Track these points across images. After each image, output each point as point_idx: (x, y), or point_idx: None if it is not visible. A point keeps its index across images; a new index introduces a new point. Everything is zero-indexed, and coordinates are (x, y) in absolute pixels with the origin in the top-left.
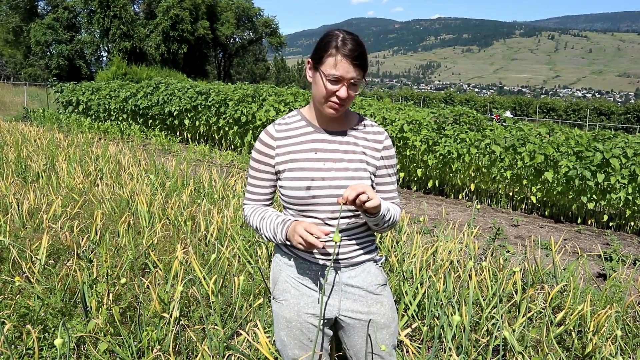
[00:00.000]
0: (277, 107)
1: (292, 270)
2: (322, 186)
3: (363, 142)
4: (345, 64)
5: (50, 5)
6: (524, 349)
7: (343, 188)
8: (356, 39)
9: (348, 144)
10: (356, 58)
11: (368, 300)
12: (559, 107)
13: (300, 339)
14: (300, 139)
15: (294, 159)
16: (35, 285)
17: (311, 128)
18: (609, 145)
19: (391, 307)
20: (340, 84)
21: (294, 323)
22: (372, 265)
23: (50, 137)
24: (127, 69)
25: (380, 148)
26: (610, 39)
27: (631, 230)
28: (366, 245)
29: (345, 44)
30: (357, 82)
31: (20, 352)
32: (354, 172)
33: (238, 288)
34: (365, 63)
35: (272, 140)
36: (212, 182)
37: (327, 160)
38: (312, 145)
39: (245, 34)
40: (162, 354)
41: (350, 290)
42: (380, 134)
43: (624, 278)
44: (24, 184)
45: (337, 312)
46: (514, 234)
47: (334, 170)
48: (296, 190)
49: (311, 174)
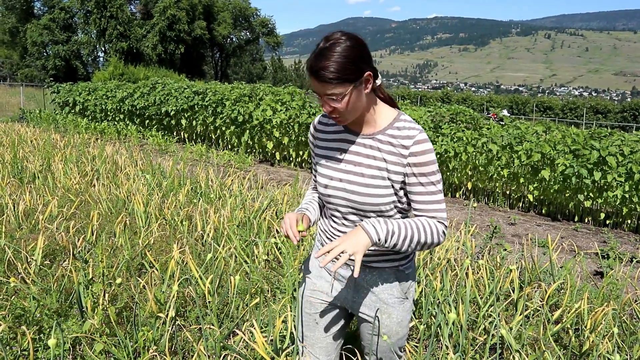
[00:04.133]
0: (274, 106)
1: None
2: (337, 187)
3: (387, 147)
4: (314, 81)
5: (47, 6)
6: (521, 347)
7: (357, 194)
8: (329, 51)
9: (371, 149)
10: (322, 72)
11: (377, 306)
12: (556, 105)
13: (309, 313)
14: (333, 137)
15: (323, 154)
16: (30, 286)
17: (343, 128)
18: (605, 144)
19: (399, 322)
20: (323, 100)
21: (306, 299)
22: (393, 275)
23: (47, 138)
24: (124, 69)
25: (406, 154)
26: (607, 38)
27: (628, 227)
28: (388, 253)
29: (315, 58)
30: (335, 98)
31: (15, 353)
32: (370, 178)
33: (234, 288)
34: (340, 76)
35: (314, 131)
36: (209, 182)
37: (349, 162)
38: (339, 145)
39: (242, 34)
40: (158, 354)
41: (363, 292)
42: (408, 139)
43: (621, 276)
44: (20, 185)
45: (349, 305)
46: (511, 232)
47: (352, 174)
48: (319, 185)
49: (331, 172)
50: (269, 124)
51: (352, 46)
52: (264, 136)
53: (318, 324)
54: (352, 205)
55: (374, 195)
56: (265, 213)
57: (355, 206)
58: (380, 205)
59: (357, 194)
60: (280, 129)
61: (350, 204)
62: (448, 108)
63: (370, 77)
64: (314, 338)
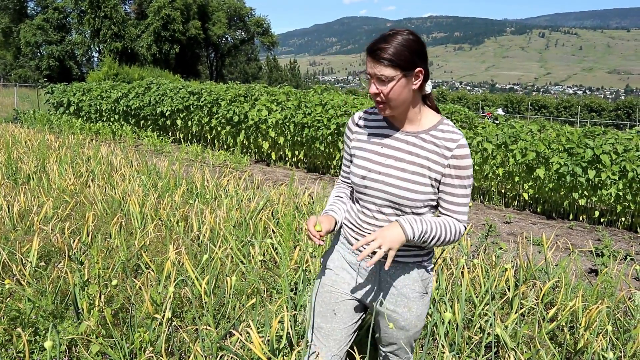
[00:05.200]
0: (270, 106)
1: (343, 248)
2: (376, 179)
3: (431, 146)
4: (369, 60)
5: (40, 6)
6: (517, 345)
7: (396, 187)
8: (391, 35)
9: (415, 146)
10: (378, 52)
11: (398, 300)
12: (550, 104)
13: (328, 307)
14: (374, 131)
15: (363, 147)
16: (26, 288)
17: (386, 124)
18: (599, 142)
19: (418, 316)
20: (371, 80)
21: (326, 288)
22: (416, 270)
23: (41, 139)
24: (119, 69)
25: (449, 155)
26: (600, 36)
27: (622, 225)
28: (413, 248)
29: (377, 40)
30: (384, 79)
31: (11, 355)
32: (410, 174)
33: (231, 288)
34: (393, 58)
35: (353, 126)
36: (205, 182)
37: (389, 157)
38: (380, 140)
39: (237, 33)
40: (154, 355)
41: (386, 285)
42: (452, 142)
43: (615, 273)
44: (15, 186)
45: (370, 298)
46: (506, 231)
47: (393, 169)
48: (355, 176)
49: (370, 165)
50: (265, 124)
51: (413, 40)
52: (260, 136)
53: (337, 315)
54: (389, 198)
55: (413, 191)
56: (262, 213)
57: (392, 199)
58: (417, 201)
59: (397, 187)
60: (275, 129)
61: (387, 196)
62: (443, 107)
63: (421, 73)
64: (329, 329)
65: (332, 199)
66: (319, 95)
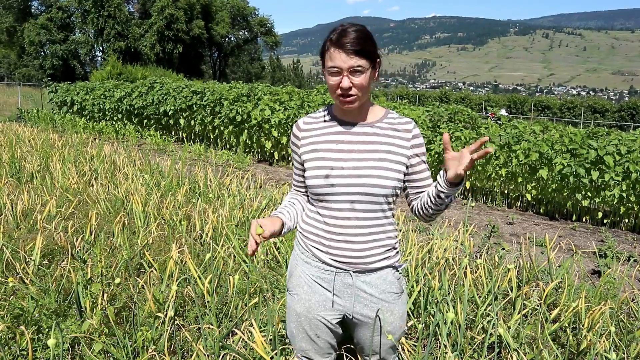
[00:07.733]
0: (272, 106)
1: (308, 267)
2: (341, 175)
3: (392, 132)
4: (340, 53)
5: (44, 5)
6: (519, 345)
7: (365, 177)
8: (352, 28)
9: (376, 135)
10: (350, 45)
11: (379, 307)
12: (554, 105)
13: (308, 334)
14: (324, 131)
15: (316, 149)
16: (29, 286)
17: (336, 122)
18: (602, 143)
19: (401, 315)
20: (341, 75)
21: (303, 318)
22: (390, 273)
23: (45, 138)
24: (122, 68)
25: (410, 137)
26: (604, 37)
27: (625, 227)
28: (386, 249)
29: (339, 34)
30: (361, 70)
31: (14, 353)
32: (376, 162)
33: (233, 287)
34: (365, 49)
35: (299, 132)
36: (208, 182)
37: (350, 151)
38: (334, 137)
39: (241, 33)
40: (157, 353)
41: (363, 295)
42: (408, 124)
43: (618, 274)
44: (18, 185)
45: (348, 312)
46: (509, 232)
47: (356, 160)
48: (315, 179)
49: (331, 163)
50: (268, 124)
51: (369, 31)
52: (263, 136)
53: (320, 337)
54: (360, 190)
55: (383, 177)
56: (264, 213)
57: (363, 190)
58: (387, 187)
59: (366, 176)
60: (278, 129)
61: (358, 188)
62: (446, 107)
63: (378, 65)
64: (316, 348)
65: (283, 204)
66: (322, 95)
